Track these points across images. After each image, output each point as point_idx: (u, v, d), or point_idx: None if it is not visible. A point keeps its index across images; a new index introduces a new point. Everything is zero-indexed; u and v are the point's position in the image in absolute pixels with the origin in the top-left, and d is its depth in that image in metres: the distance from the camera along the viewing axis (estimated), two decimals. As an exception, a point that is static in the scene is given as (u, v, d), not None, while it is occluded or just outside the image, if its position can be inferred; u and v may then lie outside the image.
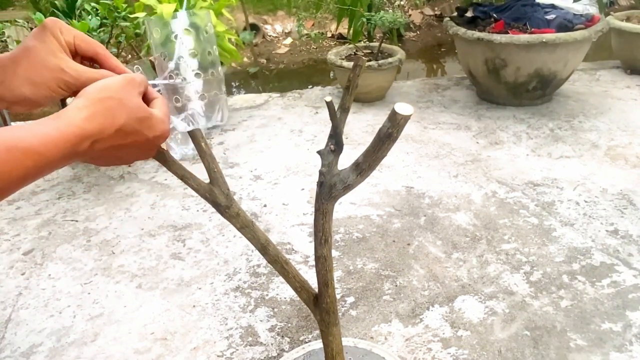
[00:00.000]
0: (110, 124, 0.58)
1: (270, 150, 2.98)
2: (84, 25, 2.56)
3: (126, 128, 0.59)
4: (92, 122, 0.56)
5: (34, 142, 0.51)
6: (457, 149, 2.87)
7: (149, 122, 0.62)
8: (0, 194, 0.50)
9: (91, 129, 0.56)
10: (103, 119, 0.57)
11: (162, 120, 0.64)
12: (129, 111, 0.59)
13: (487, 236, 2.14)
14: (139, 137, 0.61)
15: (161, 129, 0.63)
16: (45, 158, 0.52)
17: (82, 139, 0.55)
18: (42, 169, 0.53)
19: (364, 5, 3.82)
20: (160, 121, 0.63)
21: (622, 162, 2.63)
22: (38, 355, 1.71)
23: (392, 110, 0.78)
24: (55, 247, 2.24)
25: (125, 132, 0.59)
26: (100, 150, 0.58)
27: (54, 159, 0.53)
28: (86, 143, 0.56)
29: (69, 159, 0.56)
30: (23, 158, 0.50)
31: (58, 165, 0.55)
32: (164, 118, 0.64)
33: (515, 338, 1.66)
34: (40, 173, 0.53)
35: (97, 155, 0.60)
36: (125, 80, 0.61)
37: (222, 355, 1.67)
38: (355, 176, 0.89)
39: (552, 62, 3.07)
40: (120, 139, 0.59)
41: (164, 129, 0.64)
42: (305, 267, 2.03)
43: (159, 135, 0.63)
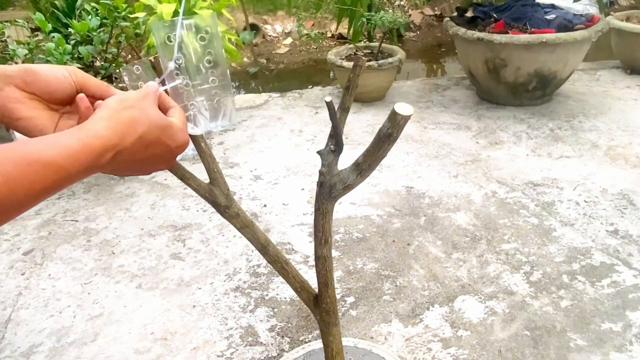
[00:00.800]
0: (133, 133, 0.57)
1: (270, 150, 2.98)
2: (84, 25, 2.56)
3: (148, 137, 0.58)
4: (115, 132, 0.55)
5: (55, 155, 0.50)
6: (457, 149, 2.87)
7: (170, 131, 0.61)
8: (21, 208, 0.49)
9: (114, 139, 0.55)
10: (125, 128, 0.56)
11: (181, 129, 0.63)
12: (150, 121, 0.59)
13: (487, 236, 2.14)
14: (161, 147, 0.61)
15: (182, 138, 0.63)
16: (67, 171, 0.50)
17: (105, 150, 0.54)
18: (64, 182, 0.51)
19: (364, 5, 3.82)
20: (180, 130, 0.63)
21: (622, 162, 2.63)
22: (38, 355, 1.71)
23: (392, 111, 0.78)
24: (55, 247, 2.24)
25: (148, 142, 0.59)
26: (123, 162, 0.57)
27: (76, 172, 0.52)
28: (109, 154, 0.55)
29: (91, 171, 0.54)
30: (45, 172, 0.49)
31: (80, 177, 0.53)
32: (183, 127, 0.64)
33: (515, 338, 1.66)
34: (62, 186, 0.52)
35: (119, 167, 0.58)
36: (143, 92, 0.61)
37: (222, 355, 1.67)
38: (355, 176, 0.90)
39: (552, 62, 3.07)
40: (142, 149, 0.58)
41: (184, 138, 0.63)
42: (305, 267, 2.03)
43: (180, 145, 0.63)
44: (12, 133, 3.25)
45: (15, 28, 4.31)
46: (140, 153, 0.58)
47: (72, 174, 0.51)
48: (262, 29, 6.03)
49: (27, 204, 0.49)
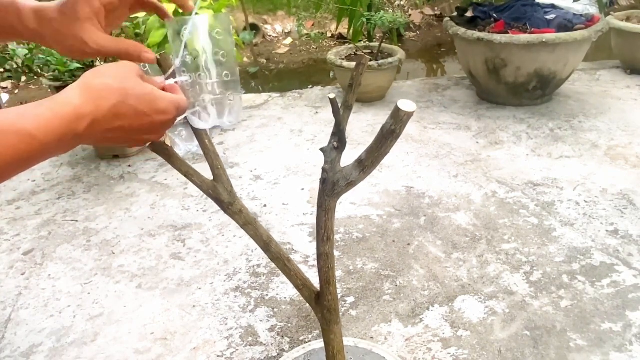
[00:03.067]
0: (106, 102, 0.56)
1: (270, 150, 2.98)
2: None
3: (123, 106, 0.57)
4: (87, 100, 0.55)
5: (26, 124, 0.49)
6: (457, 149, 2.87)
7: (149, 98, 0.60)
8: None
9: (86, 106, 0.54)
10: (98, 96, 0.55)
11: (164, 97, 0.61)
12: (124, 89, 0.58)
13: (487, 236, 2.14)
14: (140, 116, 0.59)
15: (163, 105, 0.61)
16: (39, 140, 0.50)
17: (77, 118, 0.53)
18: (38, 152, 0.51)
19: (364, 5, 3.81)
20: (162, 98, 0.61)
21: (622, 162, 2.63)
22: (38, 355, 1.71)
23: (395, 107, 0.78)
24: (55, 247, 2.23)
25: (124, 110, 0.57)
26: (103, 132, 0.56)
27: (49, 142, 0.51)
28: (83, 123, 0.54)
29: (67, 141, 0.53)
30: (16, 142, 0.48)
31: (56, 148, 0.53)
32: (172, 99, 0.62)
33: (515, 338, 1.66)
34: (36, 157, 0.51)
35: (101, 137, 0.58)
36: (121, 63, 0.61)
37: (222, 355, 1.67)
38: (359, 173, 0.90)
39: (552, 62, 3.07)
40: (120, 117, 0.57)
41: (166, 106, 0.61)
42: (306, 267, 2.03)
43: (162, 112, 0.61)
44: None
45: (15, 28, 4.29)
46: (118, 121, 0.57)
47: (46, 143, 0.51)
48: (262, 29, 6.03)
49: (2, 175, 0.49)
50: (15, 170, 0.50)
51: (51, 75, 2.78)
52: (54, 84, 2.78)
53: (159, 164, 2.85)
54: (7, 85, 4.77)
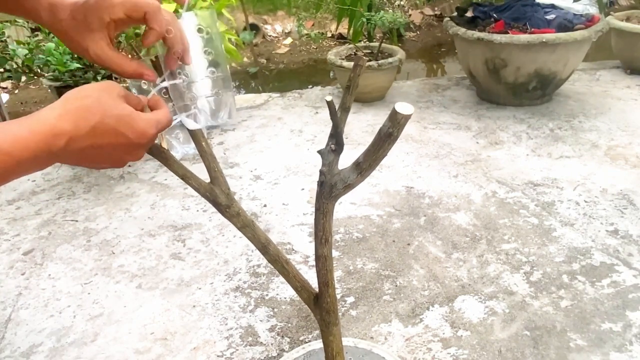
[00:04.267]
0: (85, 121, 0.56)
1: (270, 150, 2.98)
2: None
3: (102, 126, 0.57)
4: (65, 119, 0.55)
5: (2, 142, 0.49)
6: (457, 149, 2.87)
7: (128, 119, 0.59)
8: None
9: (64, 126, 0.54)
10: (77, 115, 0.55)
11: (144, 119, 0.61)
12: (104, 110, 0.58)
13: (487, 236, 2.14)
14: (118, 137, 0.59)
15: (142, 127, 0.61)
16: (14, 158, 0.50)
17: (54, 137, 0.53)
18: (13, 170, 0.50)
19: (364, 5, 3.81)
20: (142, 120, 0.61)
21: (622, 162, 2.63)
22: (38, 355, 1.71)
23: (393, 110, 0.78)
24: (55, 247, 2.24)
25: (103, 131, 0.57)
26: (79, 150, 0.56)
27: (24, 159, 0.51)
28: (60, 141, 0.54)
29: (43, 159, 0.53)
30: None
31: (32, 165, 0.52)
32: (150, 118, 0.62)
33: (515, 338, 1.66)
34: (11, 174, 0.51)
35: (77, 157, 0.57)
36: (103, 83, 0.61)
37: (222, 355, 1.67)
38: (356, 175, 0.89)
39: (552, 62, 3.07)
40: (98, 137, 0.57)
41: (145, 129, 0.61)
42: (305, 267, 2.03)
43: (141, 135, 0.60)
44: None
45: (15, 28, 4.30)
46: (96, 141, 0.57)
47: (21, 160, 0.51)
48: (262, 29, 6.03)
49: None
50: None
51: (51, 75, 2.78)
52: (54, 84, 2.78)
53: (158, 164, 2.85)
54: (7, 85, 4.78)
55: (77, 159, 0.58)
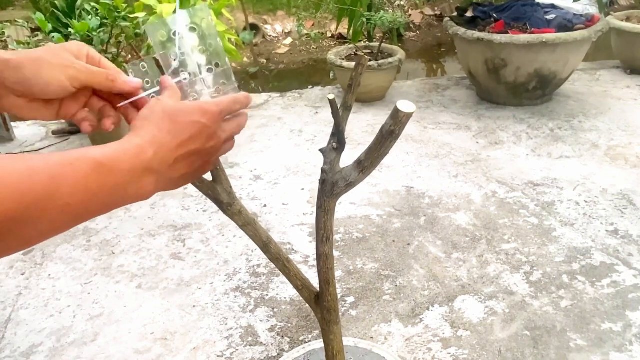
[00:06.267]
0: (161, 129, 0.57)
1: (270, 150, 2.98)
2: (84, 25, 2.55)
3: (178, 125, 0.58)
4: (145, 133, 0.56)
5: (96, 154, 0.50)
6: (457, 149, 2.87)
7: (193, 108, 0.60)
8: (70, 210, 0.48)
9: (145, 138, 0.55)
10: (153, 127, 0.57)
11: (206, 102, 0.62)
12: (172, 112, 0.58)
13: (487, 236, 2.14)
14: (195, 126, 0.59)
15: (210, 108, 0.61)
16: (109, 169, 0.50)
17: (141, 148, 0.54)
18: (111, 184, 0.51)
19: (364, 5, 3.81)
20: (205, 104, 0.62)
21: (622, 162, 2.63)
22: (38, 355, 1.71)
23: (395, 108, 0.78)
24: (55, 247, 2.23)
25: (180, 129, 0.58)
26: (170, 155, 0.56)
27: (120, 170, 0.51)
28: (149, 151, 0.54)
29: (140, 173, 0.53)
30: (86, 169, 0.49)
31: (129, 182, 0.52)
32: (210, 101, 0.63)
33: (515, 338, 1.66)
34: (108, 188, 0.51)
35: (171, 164, 0.57)
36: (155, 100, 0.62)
37: (222, 355, 1.67)
38: (358, 173, 0.90)
39: (552, 62, 3.07)
40: (179, 136, 0.57)
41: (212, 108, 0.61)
42: (305, 267, 2.03)
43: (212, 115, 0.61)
44: (11, 133, 3.25)
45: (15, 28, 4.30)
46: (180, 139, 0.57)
47: (115, 172, 0.51)
48: (262, 29, 6.03)
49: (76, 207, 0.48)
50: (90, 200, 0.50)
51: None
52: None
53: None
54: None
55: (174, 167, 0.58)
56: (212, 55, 0.70)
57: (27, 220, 0.44)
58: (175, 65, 0.68)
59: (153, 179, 0.55)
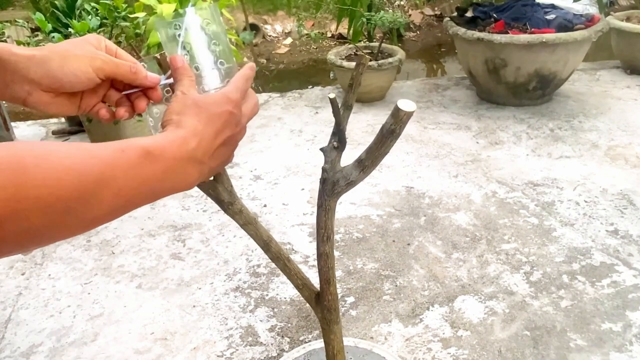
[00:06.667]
0: (198, 121, 0.58)
1: (270, 150, 2.98)
2: (84, 25, 2.55)
3: (211, 116, 0.59)
4: (183, 127, 0.57)
5: (145, 143, 0.52)
6: (457, 149, 2.87)
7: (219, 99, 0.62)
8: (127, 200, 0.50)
9: (185, 131, 0.56)
10: (188, 121, 0.58)
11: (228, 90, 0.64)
12: (202, 104, 0.60)
13: (487, 236, 2.14)
14: (225, 115, 0.61)
15: (233, 95, 0.63)
16: (156, 157, 0.52)
17: (183, 139, 0.55)
18: (159, 171, 0.52)
19: (364, 5, 3.81)
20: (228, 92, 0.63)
21: (622, 162, 2.63)
22: (38, 355, 1.71)
23: (395, 107, 0.78)
24: (55, 247, 2.23)
25: (213, 119, 0.60)
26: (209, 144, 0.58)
27: (165, 159, 0.53)
28: (192, 142, 0.56)
29: (185, 162, 0.55)
30: (137, 156, 0.50)
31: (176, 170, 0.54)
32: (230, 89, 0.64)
33: (515, 338, 1.66)
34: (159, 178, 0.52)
35: (211, 152, 0.59)
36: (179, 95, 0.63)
37: (222, 355, 1.67)
38: (359, 172, 0.90)
39: (552, 62, 3.07)
40: (213, 126, 0.59)
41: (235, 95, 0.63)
42: (306, 267, 2.03)
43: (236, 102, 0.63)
44: (11, 133, 3.25)
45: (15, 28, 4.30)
46: (215, 129, 0.59)
47: (163, 160, 0.52)
48: (262, 29, 6.03)
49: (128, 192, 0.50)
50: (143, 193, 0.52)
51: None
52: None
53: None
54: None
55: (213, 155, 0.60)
56: (219, 54, 0.70)
57: (85, 201, 0.46)
58: None
59: (197, 168, 0.57)
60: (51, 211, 0.44)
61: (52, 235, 0.46)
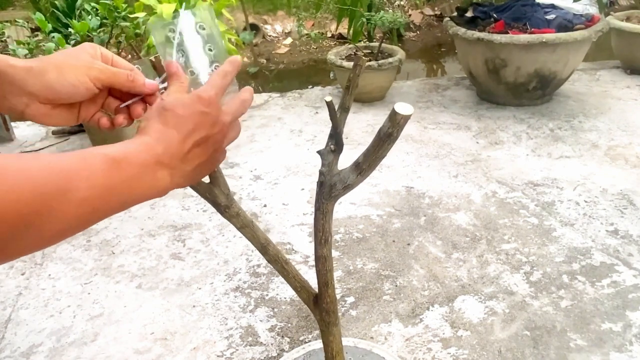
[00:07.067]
0: (165, 124, 0.57)
1: (270, 150, 2.98)
2: (84, 25, 2.56)
3: (179, 118, 0.58)
4: (148, 132, 0.56)
5: (107, 150, 0.51)
6: (457, 149, 2.87)
7: (189, 99, 0.60)
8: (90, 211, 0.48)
9: (150, 136, 0.56)
10: (155, 125, 0.57)
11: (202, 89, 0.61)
12: (169, 107, 0.59)
13: (487, 236, 2.14)
14: (196, 116, 0.59)
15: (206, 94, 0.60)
16: (120, 163, 0.51)
17: (149, 145, 0.54)
18: (125, 178, 0.51)
19: (364, 5, 3.81)
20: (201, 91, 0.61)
21: (622, 162, 2.63)
22: (38, 355, 1.71)
23: (392, 110, 0.78)
24: (55, 247, 2.24)
25: (182, 121, 0.58)
26: (178, 148, 0.57)
27: (130, 165, 0.52)
28: (158, 147, 0.55)
29: (152, 168, 0.54)
30: (99, 163, 0.49)
31: (143, 177, 0.53)
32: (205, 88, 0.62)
33: (515, 338, 1.66)
34: (125, 187, 0.51)
35: (181, 156, 0.57)
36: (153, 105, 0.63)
37: (222, 355, 1.67)
38: (356, 176, 0.90)
39: (552, 62, 3.07)
40: (183, 128, 0.57)
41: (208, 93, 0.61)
42: (305, 267, 2.03)
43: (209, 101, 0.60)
44: (11, 133, 3.25)
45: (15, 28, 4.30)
46: (185, 131, 0.57)
47: (129, 166, 0.51)
48: (262, 29, 6.03)
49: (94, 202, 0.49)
50: (111, 202, 0.51)
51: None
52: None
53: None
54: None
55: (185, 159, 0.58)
56: (214, 56, 0.70)
57: (46, 214, 0.45)
58: None
59: (167, 172, 0.56)
60: (11, 226, 0.43)
61: (18, 249, 0.45)
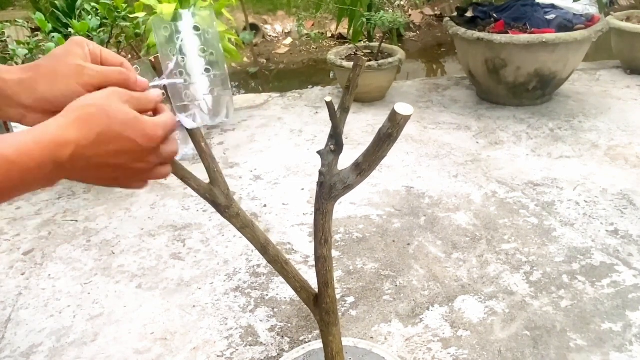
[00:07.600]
0: (90, 129, 0.55)
1: (270, 150, 2.98)
2: (84, 25, 2.55)
3: (108, 133, 0.56)
4: (70, 128, 0.54)
5: (6, 149, 0.49)
6: (457, 149, 2.87)
7: (134, 123, 0.58)
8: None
9: (69, 135, 0.53)
10: (81, 124, 0.55)
11: (152, 122, 0.59)
12: (110, 115, 0.56)
13: (487, 236, 2.14)
14: (126, 142, 0.57)
15: (149, 130, 0.58)
16: (18, 166, 0.49)
17: (58, 146, 0.52)
18: (17, 179, 0.50)
19: (364, 5, 3.81)
20: (149, 122, 0.59)
21: (622, 162, 2.63)
22: (38, 355, 1.71)
23: (392, 111, 0.78)
24: (55, 247, 2.24)
25: (109, 137, 0.56)
26: (86, 160, 0.55)
27: (28, 168, 0.50)
28: (65, 151, 0.53)
29: (48, 171, 0.52)
30: None
31: (37, 178, 0.52)
32: (157, 120, 0.60)
33: (515, 338, 1.66)
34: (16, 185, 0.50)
35: (85, 168, 0.56)
36: (109, 90, 0.60)
37: (222, 355, 1.67)
38: (355, 176, 0.90)
39: (552, 62, 3.07)
40: (104, 145, 0.55)
41: (152, 131, 0.59)
42: (305, 267, 2.03)
43: (150, 138, 0.58)
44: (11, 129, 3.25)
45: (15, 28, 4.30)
46: (103, 149, 0.56)
47: (25, 169, 0.50)
48: (262, 29, 6.03)
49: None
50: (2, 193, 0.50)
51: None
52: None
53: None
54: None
55: (86, 170, 0.57)
56: (211, 60, 0.70)
57: None
58: (171, 67, 0.68)
59: (62, 174, 0.55)
60: None
61: None
